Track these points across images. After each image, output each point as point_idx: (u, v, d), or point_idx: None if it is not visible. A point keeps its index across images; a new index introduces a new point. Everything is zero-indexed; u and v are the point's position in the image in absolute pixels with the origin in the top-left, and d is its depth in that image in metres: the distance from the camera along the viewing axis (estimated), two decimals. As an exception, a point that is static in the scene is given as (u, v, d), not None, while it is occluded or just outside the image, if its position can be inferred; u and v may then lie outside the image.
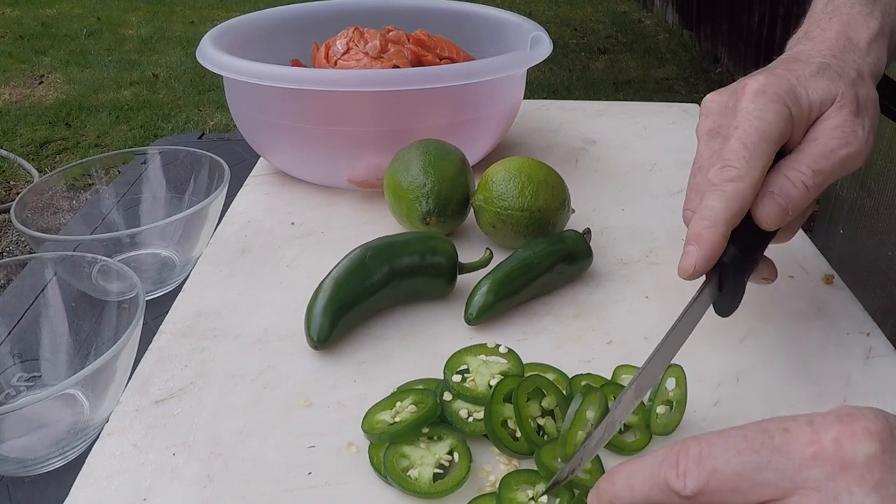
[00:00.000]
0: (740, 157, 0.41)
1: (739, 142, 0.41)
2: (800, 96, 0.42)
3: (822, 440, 0.26)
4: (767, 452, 0.27)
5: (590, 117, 0.89)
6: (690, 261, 0.40)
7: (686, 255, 0.41)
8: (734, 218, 0.40)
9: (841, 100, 0.42)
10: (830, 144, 0.41)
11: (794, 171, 0.41)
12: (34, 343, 0.53)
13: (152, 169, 0.70)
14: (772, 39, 3.13)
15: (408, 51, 0.75)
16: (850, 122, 0.42)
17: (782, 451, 0.27)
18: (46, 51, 3.93)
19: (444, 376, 0.45)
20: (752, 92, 0.42)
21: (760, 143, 0.41)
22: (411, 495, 0.39)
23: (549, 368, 0.47)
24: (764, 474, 0.26)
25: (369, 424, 0.43)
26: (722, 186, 0.41)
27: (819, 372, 0.48)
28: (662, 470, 0.28)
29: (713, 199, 0.41)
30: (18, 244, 2.25)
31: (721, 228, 0.40)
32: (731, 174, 0.41)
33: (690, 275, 0.41)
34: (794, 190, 0.41)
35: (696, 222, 0.41)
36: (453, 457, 0.41)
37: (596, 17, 4.64)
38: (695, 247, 0.40)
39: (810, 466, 0.26)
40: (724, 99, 0.45)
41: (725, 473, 0.27)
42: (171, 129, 3.05)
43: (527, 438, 0.41)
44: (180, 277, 0.62)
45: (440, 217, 0.59)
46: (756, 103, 0.42)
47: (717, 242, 0.40)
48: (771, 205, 0.41)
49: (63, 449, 0.46)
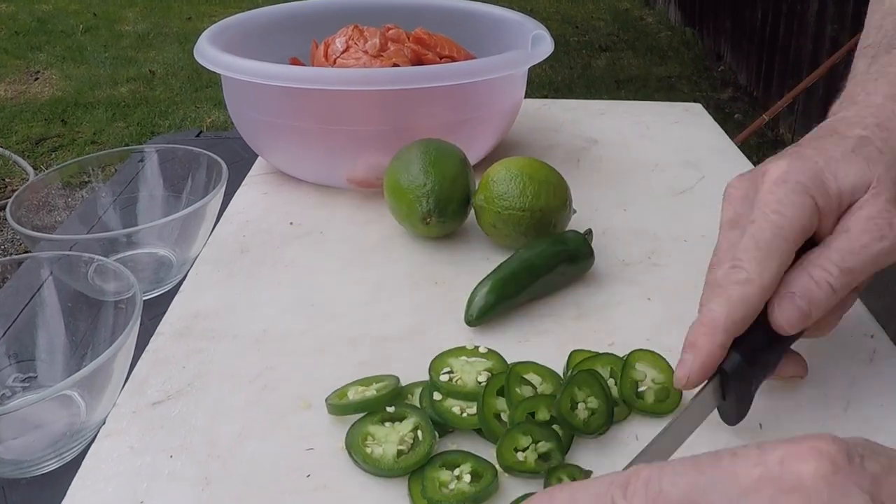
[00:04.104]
0: (751, 257, 0.37)
1: (752, 239, 0.37)
2: (827, 183, 0.38)
3: (768, 462, 0.25)
4: (713, 474, 0.25)
5: (591, 117, 0.88)
6: (684, 371, 0.37)
7: (680, 364, 0.38)
8: (736, 325, 0.37)
9: (877, 186, 0.38)
10: (862, 239, 0.37)
11: (818, 270, 0.37)
12: (30, 343, 0.53)
13: (149, 167, 0.69)
14: (774, 37, 3.13)
15: (408, 49, 0.74)
16: (886, 213, 0.37)
17: (728, 473, 0.25)
18: (42, 47, 3.92)
19: (430, 378, 0.45)
20: (772, 180, 0.38)
21: (775, 241, 0.37)
22: (374, 472, 0.40)
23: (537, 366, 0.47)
24: (709, 496, 0.25)
25: (338, 396, 0.44)
26: (727, 290, 0.37)
27: (822, 374, 0.48)
28: (611, 490, 0.26)
29: (716, 303, 0.37)
30: (14, 243, 2.25)
31: (719, 337, 0.37)
32: (738, 276, 0.37)
33: (685, 386, 0.37)
34: (817, 291, 0.37)
35: (694, 328, 0.38)
36: (417, 435, 0.41)
37: (597, 14, 4.64)
38: (690, 355, 0.37)
39: (755, 491, 0.24)
40: (746, 185, 0.41)
41: (672, 494, 0.25)
42: (167, 126, 3.04)
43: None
44: (178, 277, 0.61)
45: (440, 217, 0.59)
46: (775, 194, 0.38)
47: (713, 352, 0.37)
48: (790, 309, 0.37)
49: (59, 451, 0.45)
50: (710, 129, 0.86)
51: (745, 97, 3.36)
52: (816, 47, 2.76)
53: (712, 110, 0.99)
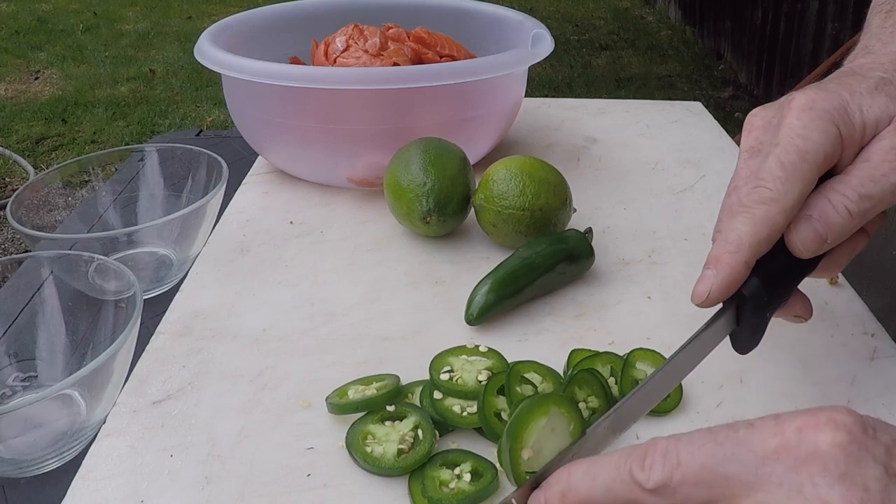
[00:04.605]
0: (776, 177, 0.37)
1: (777, 161, 0.37)
2: (852, 114, 0.38)
3: (785, 432, 0.26)
4: (731, 445, 0.26)
5: (591, 115, 0.88)
6: (705, 286, 0.37)
7: (702, 279, 0.37)
8: (761, 244, 0.37)
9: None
10: (882, 168, 0.37)
11: (837, 195, 0.37)
12: (30, 343, 0.53)
13: (150, 166, 0.69)
14: (775, 36, 3.13)
15: (408, 48, 0.74)
16: None
17: (745, 444, 0.26)
18: (42, 46, 3.91)
19: (430, 377, 0.45)
20: (799, 107, 0.38)
21: (800, 163, 0.37)
22: (375, 471, 0.40)
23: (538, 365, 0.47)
24: (727, 467, 0.26)
25: (338, 395, 0.44)
26: (751, 208, 0.37)
27: (823, 373, 0.48)
28: (629, 462, 0.27)
29: (740, 222, 0.37)
30: (14, 242, 2.25)
31: (744, 255, 0.36)
32: (763, 195, 0.37)
33: (704, 302, 0.37)
34: (835, 215, 0.37)
35: (718, 244, 0.37)
36: (417, 434, 0.41)
37: (598, 13, 4.64)
38: (712, 271, 0.37)
39: (773, 460, 0.25)
40: (770, 114, 0.41)
41: (689, 465, 0.26)
42: (168, 125, 3.04)
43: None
44: (178, 276, 0.61)
45: (440, 216, 0.59)
46: (801, 120, 0.38)
47: (737, 270, 0.36)
48: (807, 230, 0.37)
49: (60, 450, 0.45)
50: (710, 127, 0.86)
51: (745, 96, 3.36)
52: (817, 46, 2.75)
53: (712, 109, 0.99)
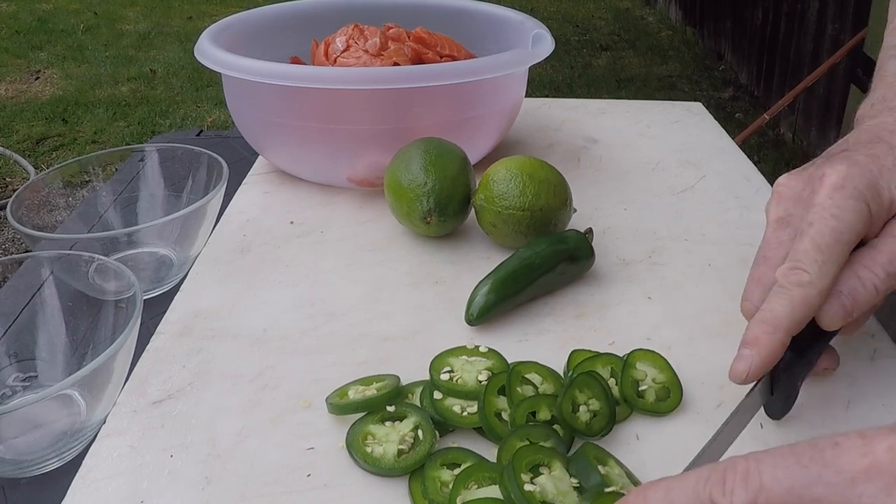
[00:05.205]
0: (812, 259, 0.38)
1: (813, 242, 0.39)
2: (881, 192, 0.40)
3: (876, 451, 0.24)
4: (817, 467, 0.25)
5: (592, 116, 0.88)
6: (744, 366, 0.38)
7: (740, 359, 0.39)
8: (797, 326, 0.38)
9: None
10: None
11: (866, 271, 0.39)
12: (30, 343, 0.53)
13: (150, 166, 0.69)
14: (775, 37, 3.13)
15: (408, 48, 0.74)
16: None
17: (833, 465, 0.25)
18: (43, 46, 3.92)
19: (430, 377, 0.45)
20: (832, 185, 0.40)
21: (835, 245, 0.38)
22: (375, 472, 0.40)
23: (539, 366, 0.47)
24: (814, 490, 0.25)
25: (338, 395, 0.44)
26: (790, 291, 0.38)
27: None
28: (707, 486, 0.26)
29: (778, 303, 0.38)
30: (14, 242, 2.25)
31: (782, 335, 0.38)
32: (801, 278, 0.38)
33: (744, 380, 0.39)
34: (863, 292, 0.39)
35: (755, 325, 0.39)
36: (417, 434, 0.41)
37: (598, 13, 4.64)
38: (751, 351, 0.38)
39: (863, 480, 0.24)
40: (799, 186, 0.42)
41: (774, 490, 0.25)
42: (168, 125, 3.04)
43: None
44: (178, 277, 0.61)
45: (441, 216, 0.59)
46: (833, 199, 0.39)
47: (775, 350, 0.38)
48: (837, 307, 0.39)
49: (60, 450, 0.45)
50: (710, 128, 0.86)
51: (745, 96, 3.36)
52: (817, 46, 2.76)
53: (713, 109, 0.99)
